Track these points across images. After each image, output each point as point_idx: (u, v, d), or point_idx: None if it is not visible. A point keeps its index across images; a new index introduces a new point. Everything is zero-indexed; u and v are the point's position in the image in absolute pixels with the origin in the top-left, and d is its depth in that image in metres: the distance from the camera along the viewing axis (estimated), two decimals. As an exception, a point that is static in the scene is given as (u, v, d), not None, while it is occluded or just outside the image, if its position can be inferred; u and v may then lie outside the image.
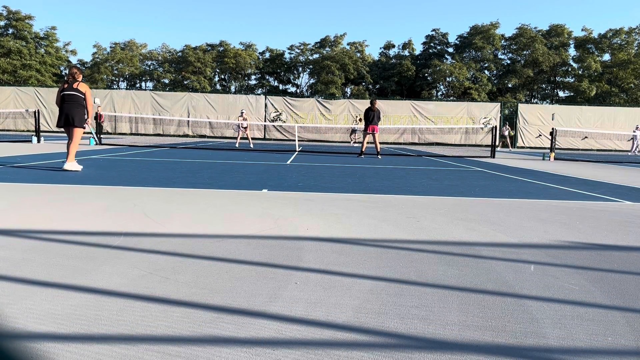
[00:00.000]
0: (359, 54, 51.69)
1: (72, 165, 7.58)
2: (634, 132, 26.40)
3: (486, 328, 1.95)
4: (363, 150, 14.75)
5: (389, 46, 53.54)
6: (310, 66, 51.94)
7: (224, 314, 2.01)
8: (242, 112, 20.67)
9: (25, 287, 2.25)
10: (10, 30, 46.71)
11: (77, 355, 1.60)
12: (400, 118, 31.66)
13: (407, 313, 2.08)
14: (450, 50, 52.63)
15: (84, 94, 7.75)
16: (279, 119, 31.61)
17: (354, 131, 28.05)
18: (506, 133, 29.11)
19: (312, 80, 52.10)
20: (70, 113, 7.66)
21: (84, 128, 7.92)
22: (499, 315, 2.10)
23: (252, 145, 20.42)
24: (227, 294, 2.25)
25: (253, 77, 54.32)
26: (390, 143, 30.92)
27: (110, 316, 1.94)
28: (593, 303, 2.29)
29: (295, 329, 1.89)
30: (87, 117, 7.89)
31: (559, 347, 1.80)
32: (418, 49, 53.12)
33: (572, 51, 49.79)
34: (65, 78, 7.83)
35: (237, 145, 20.09)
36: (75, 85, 7.74)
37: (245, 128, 19.95)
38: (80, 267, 2.58)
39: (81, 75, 7.85)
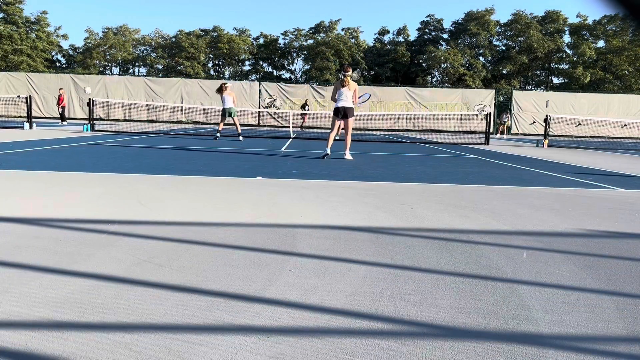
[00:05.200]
0: (353, 40, 51.38)
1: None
2: None
3: (478, 314, 1.97)
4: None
5: (383, 32, 53.23)
6: (305, 52, 51.63)
7: (219, 301, 2.02)
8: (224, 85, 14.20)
9: (21, 274, 2.25)
10: (0, 15, 46.06)
11: (72, 342, 1.61)
12: (395, 105, 31.59)
13: (400, 299, 2.11)
14: (445, 36, 52.45)
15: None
16: (273, 106, 31.46)
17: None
18: (505, 119, 29.22)
19: (306, 67, 51.81)
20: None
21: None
22: (491, 301, 2.12)
23: (239, 135, 14.16)
24: (221, 281, 2.26)
25: (247, 63, 53.96)
26: (385, 130, 30.89)
27: (105, 303, 1.95)
28: (584, 288, 2.32)
29: (290, 315, 1.90)
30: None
31: (549, 333, 1.83)
32: (413, 35, 52.90)
33: (566, 38, 49.74)
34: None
35: (218, 135, 14.43)
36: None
37: (229, 115, 13.87)
38: (75, 254, 2.58)
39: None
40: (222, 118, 14.06)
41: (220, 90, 14.00)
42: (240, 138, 13.80)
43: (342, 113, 8.59)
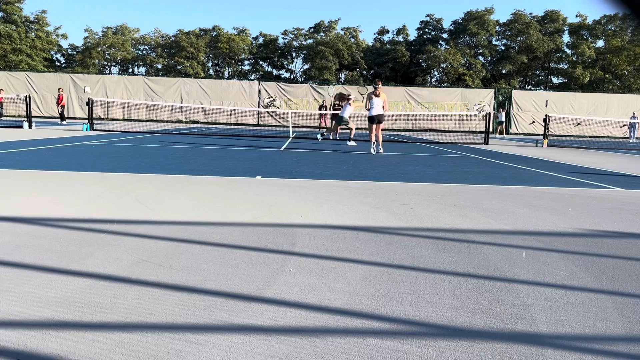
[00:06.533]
0: (353, 40, 51.36)
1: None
2: (632, 119, 26.32)
3: (478, 313, 1.97)
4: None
5: (383, 32, 53.22)
6: (304, 51, 51.60)
7: (219, 300, 2.02)
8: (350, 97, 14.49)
9: (21, 273, 2.25)
10: (0, 14, 46.01)
11: (72, 341, 1.61)
12: (395, 104, 31.57)
13: (400, 298, 2.11)
14: (445, 36, 52.43)
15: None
16: (273, 105, 31.44)
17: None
18: (503, 119, 29.22)
19: (306, 66, 51.78)
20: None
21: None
22: (491, 300, 2.13)
23: (350, 139, 14.16)
24: (221, 281, 2.26)
25: (247, 62, 53.89)
26: (384, 129, 30.88)
27: (105, 302, 1.95)
28: (583, 288, 2.32)
29: (289, 315, 1.90)
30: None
31: (549, 332, 1.83)
32: (412, 34, 52.88)
33: (566, 38, 49.73)
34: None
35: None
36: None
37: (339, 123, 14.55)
38: (75, 254, 2.58)
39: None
40: (336, 125, 15.15)
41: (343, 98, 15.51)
42: (353, 143, 13.66)
43: (376, 120, 10.48)
